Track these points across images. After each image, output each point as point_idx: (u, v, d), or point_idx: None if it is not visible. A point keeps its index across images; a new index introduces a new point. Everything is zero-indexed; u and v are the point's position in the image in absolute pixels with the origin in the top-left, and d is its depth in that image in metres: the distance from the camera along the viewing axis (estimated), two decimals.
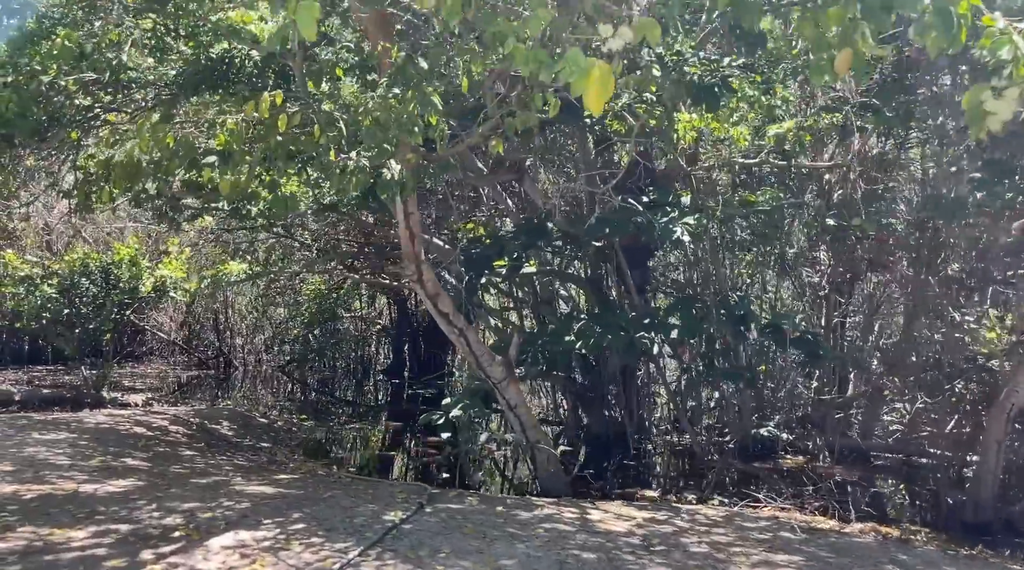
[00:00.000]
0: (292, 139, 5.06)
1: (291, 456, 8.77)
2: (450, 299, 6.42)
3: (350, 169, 4.68)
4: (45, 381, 15.55)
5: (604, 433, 10.35)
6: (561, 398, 12.00)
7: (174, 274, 11.83)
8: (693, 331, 7.87)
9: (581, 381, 10.57)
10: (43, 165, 11.23)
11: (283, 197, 5.13)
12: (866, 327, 10.54)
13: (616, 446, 9.90)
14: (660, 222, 7.66)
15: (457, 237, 11.90)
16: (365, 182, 4.76)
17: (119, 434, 8.13)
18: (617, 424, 10.35)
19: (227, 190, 4.85)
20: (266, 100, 4.52)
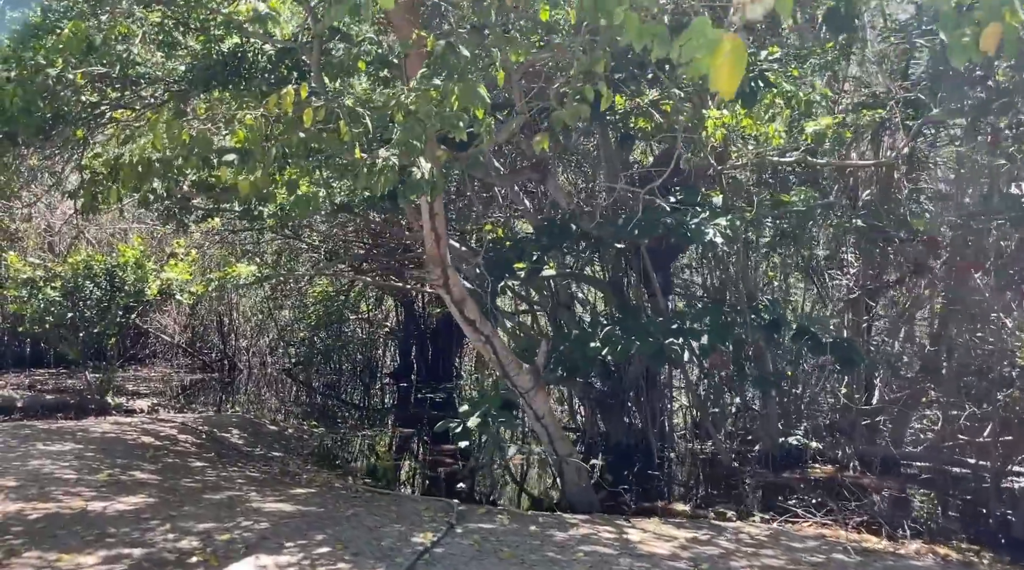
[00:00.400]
0: (314, 136, 4.75)
1: (304, 466, 8.45)
2: (476, 304, 6.11)
3: (379, 167, 4.36)
4: (47, 385, 15.25)
5: (625, 441, 10.04)
6: (578, 404, 11.70)
7: (180, 276, 11.52)
8: (723, 337, 7.56)
9: (600, 387, 10.27)
10: (46, 165, 10.93)
11: (305, 197, 4.82)
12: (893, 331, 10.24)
13: (638, 455, 9.60)
14: (690, 223, 7.36)
15: (466, 238, 11.61)
16: (394, 181, 4.44)
17: (126, 444, 7.82)
18: (638, 432, 10.04)
19: (246, 190, 4.54)
20: (290, 93, 4.20)
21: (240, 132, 4.57)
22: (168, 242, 15.03)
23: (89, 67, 5.78)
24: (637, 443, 10.01)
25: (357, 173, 4.46)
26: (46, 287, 11.21)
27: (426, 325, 20.25)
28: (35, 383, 15.46)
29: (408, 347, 20.32)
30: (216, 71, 7.27)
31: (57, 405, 11.03)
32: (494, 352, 6.10)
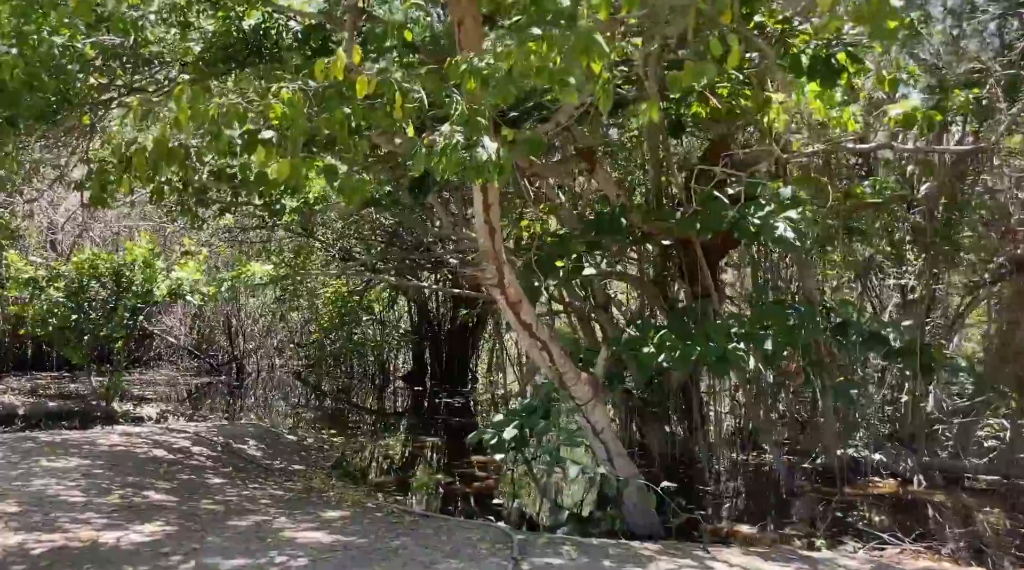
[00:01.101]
0: (361, 112, 4.10)
1: (328, 481, 7.81)
2: (532, 308, 5.46)
3: (441, 147, 3.71)
4: (50, 389, 14.63)
5: (667, 452, 9.41)
6: (613, 412, 11.07)
7: (191, 276, 10.88)
8: (791, 341, 6.91)
9: (639, 394, 9.62)
10: (48, 157, 10.30)
11: (353, 183, 4.17)
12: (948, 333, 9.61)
13: (681, 468, 8.95)
14: (755, 217, 6.71)
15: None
16: (459, 163, 3.79)
17: (137, 459, 7.18)
18: (681, 442, 9.41)
19: (284, 175, 3.89)
20: (340, 58, 3.56)
21: (277, 107, 3.91)
22: (177, 240, 14.40)
23: (100, 37, 5.12)
24: (680, 454, 9.38)
25: (415, 154, 3.81)
26: (49, 287, 10.57)
27: (440, 326, 19.63)
28: (37, 387, 14.84)
29: (422, 349, 19.69)
30: (236, 50, 6.64)
31: (61, 413, 10.41)
32: (551, 360, 5.44)
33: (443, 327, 19.58)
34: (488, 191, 4.90)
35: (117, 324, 10.59)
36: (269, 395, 16.65)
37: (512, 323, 5.38)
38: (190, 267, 10.98)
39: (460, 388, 17.86)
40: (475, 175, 3.83)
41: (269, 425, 10.23)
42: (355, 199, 4.18)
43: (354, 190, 4.13)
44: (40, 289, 10.48)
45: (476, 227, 5.07)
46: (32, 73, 4.65)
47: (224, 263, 15.10)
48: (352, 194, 4.15)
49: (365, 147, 4.32)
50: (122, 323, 10.71)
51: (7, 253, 10.89)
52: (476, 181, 3.93)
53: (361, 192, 4.16)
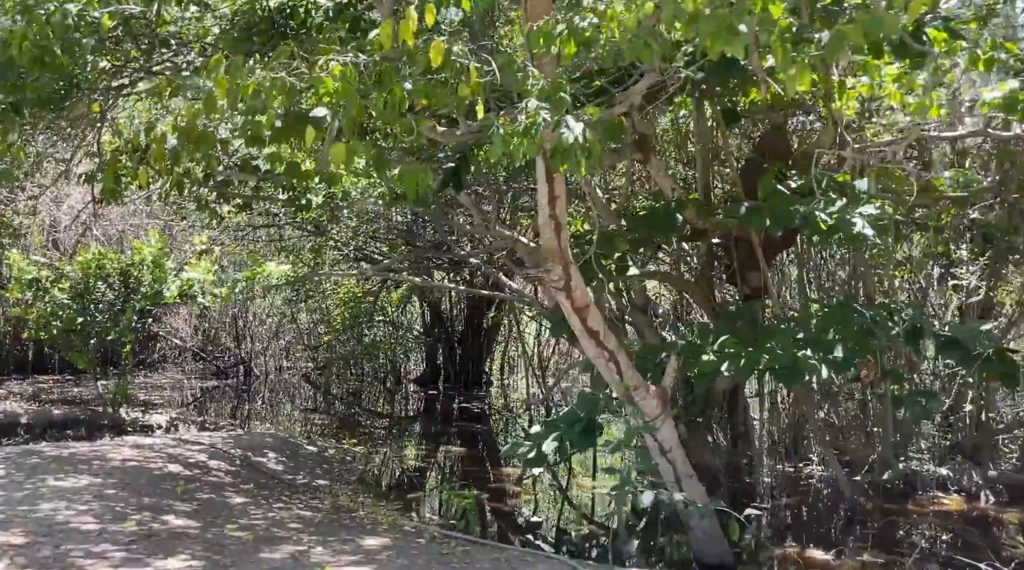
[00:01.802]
0: (423, 89, 3.53)
1: (356, 499, 7.25)
2: (601, 314, 4.90)
3: (524, 127, 3.15)
4: (53, 394, 14.06)
5: (709, 463, 8.85)
6: None
7: (203, 276, 10.31)
8: (863, 348, 6.34)
9: (681, 402, 9.06)
10: (52, 151, 9.74)
11: (414, 173, 3.60)
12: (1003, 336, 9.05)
13: (728, 479, 8.39)
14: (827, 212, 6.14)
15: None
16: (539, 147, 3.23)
17: (152, 475, 6.61)
18: (725, 452, 8.84)
19: (340, 160, 3.33)
20: (412, 18, 2.99)
21: (328, 81, 3.34)
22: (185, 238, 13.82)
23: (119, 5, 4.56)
24: (724, 466, 8.82)
25: (491, 136, 3.24)
26: (53, 288, 10.00)
27: (453, 328, 19.07)
28: (39, 392, 14.28)
29: (434, 351, 19.13)
30: (260, 30, 6.08)
31: (66, 421, 9.84)
32: (619, 371, 4.88)
33: (457, 328, 19.04)
34: (555, 182, 4.33)
35: (125, 327, 10.03)
36: (279, 399, 16.09)
37: (576, 330, 4.81)
38: (201, 267, 10.41)
39: (475, 391, 17.30)
40: (561, 160, 3.27)
41: (287, 435, 9.66)
42: (413, 191, 3.61)
43: (416, 180, 3.57)
44: (44, 290, 9.92)
45: (539, 223, 4.50)
46: (43, 47, 4.08)
47: (232, 263, 14.52)
48: (413, 185, 3.58)
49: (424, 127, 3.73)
50: (130, 326, 10.15)
51: (9, 252, 10.31)
52: (560, 167, 3.36)
53: (424, 183, 3.60)
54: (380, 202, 7.55)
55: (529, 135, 3.19)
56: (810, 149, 7.36)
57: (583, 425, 6.65)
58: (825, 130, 7.06)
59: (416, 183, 3.55)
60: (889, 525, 6.99)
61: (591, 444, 7.86)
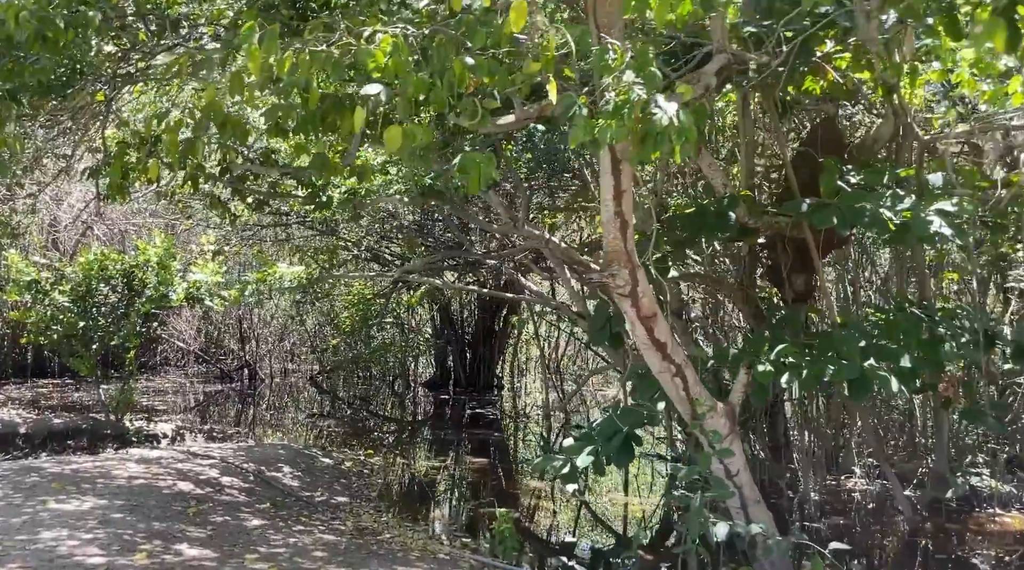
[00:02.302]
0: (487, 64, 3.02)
1: (379, 518, 6.75)
2: (668, 324, 4.39)
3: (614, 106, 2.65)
4: (52, 400, 13.56)
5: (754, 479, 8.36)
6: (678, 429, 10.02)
7: (211, 278, 9.80)
8: (934, 357, 5.83)
9: None
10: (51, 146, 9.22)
11: (477, 161, 3.09)
12: None
13: (771, 496, 7.89)
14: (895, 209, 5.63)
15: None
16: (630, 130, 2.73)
17: (161, 495, 6.10)
18: (764, 467, 8.35)
19: (396, 145, 2.82)
20: None
21: (379, 54, 2.84)
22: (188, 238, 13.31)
23: None
24: (764, 481, 8.33)
25: (572, 117, 2.74)
26: (53, 291, 9.49)
27: (464, 330, 18.57)
28: (38, 397, 13.77)
29: (444, 354, 18.63)
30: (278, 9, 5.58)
31: (67, 431, 9.33)
32: (684, 387, 4.38)
33: (467, 331, 18.54)
34: (622, 174, 3.82)
35: (130, 332, 9.52)
36: (286, 404, 15.58)
37: (640, 342, 4.30)
38: (208, 268, 9.90)
39: (487, 396, 16.80)
40: (653, 146, 2.76)
41: (301, 446, 9.14)
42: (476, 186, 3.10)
43: (480, 171, 3.06)
44: (44, 293, 9.41)
45: (602, 221, 3.99)
46: (44, 20, 3.57)
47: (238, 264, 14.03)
48: (477, 176, 3.08)
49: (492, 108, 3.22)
50: (135, 330, 9.64)
51: (7, 253, 9.80)
52: (651, 155, 2.85)
53: (488, 174, 3.09)
54: (405, 199, 7.04)
55: (620, 116, 2.69)
56: (868, 142, 6.87)
57: (622, 439, 6.16)
58: (885, 121, 6.56)
59: (480, 174, 3.05)
60: (952, 547, 6.49)
61: (629, 460, 7.34)
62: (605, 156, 3.77)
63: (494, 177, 3.13)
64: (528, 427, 13.23)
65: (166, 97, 7.11)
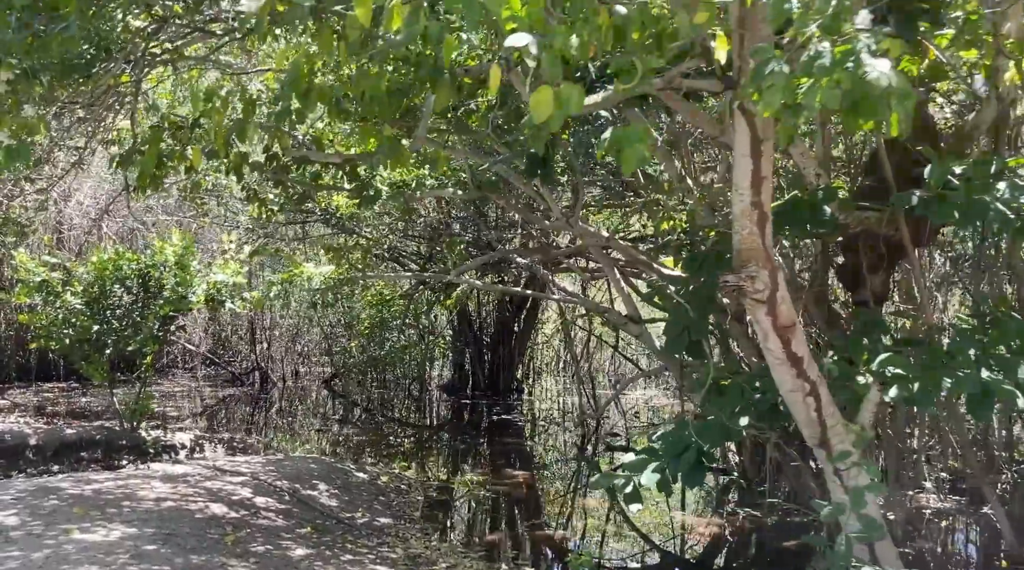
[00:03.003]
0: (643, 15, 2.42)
1: (428, 542, 6.16)
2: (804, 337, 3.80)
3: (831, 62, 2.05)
4: (60, 405, 12.97)
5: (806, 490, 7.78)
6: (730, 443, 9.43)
7: (232, 279, 9.21)
8: None
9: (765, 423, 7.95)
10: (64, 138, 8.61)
11: (637, 134, 2.50)
12: None
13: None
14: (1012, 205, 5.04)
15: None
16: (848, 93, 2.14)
17: (194, 520, 5.50)
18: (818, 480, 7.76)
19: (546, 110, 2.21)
20: None
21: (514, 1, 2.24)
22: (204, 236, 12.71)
23: None
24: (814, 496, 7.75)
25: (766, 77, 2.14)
26: (65, 292, 8.89)
27: (482, 331, 18.00)
28: (44, 403, 13.19)
29: (462, 357, 18.07)
30: None
31: (81, 442, 8.73)
32: (817, 407, 3.78)
33: (486, 332, 17.97)
34: (762, 157, 3.23)
35: (147, 336, 8.91)
36: (301, 409, 14.99)
37: (773, 356, 3.70)
38: (230, 268, 9.30)
39: (508, 400, 16.22)
40: (871, 113, 2.17)
41: (332, 459, 8.55)
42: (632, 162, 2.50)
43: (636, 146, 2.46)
44: (55, 295, 8.81)
45: (734, 213, 3.40)
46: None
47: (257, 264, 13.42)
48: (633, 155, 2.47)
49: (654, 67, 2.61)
50: (152, 334, 9.04)
51: (15, 252, 9.19)
52: (864, 125, 2.26)
53: (643, 150, 2.49)
54: (459, 192, 6.45)
55: (833, 73, 2.09)
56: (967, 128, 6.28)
57: (694, 456, 5.58)
58: (987, 106, 5.96)
59: (635, 151, 2.45)
60: None
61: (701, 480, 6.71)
62: (743, 134, 3.18)
63: (647, 155, 2.53)
64: (559, 435, 12.64)
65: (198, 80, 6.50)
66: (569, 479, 9.29)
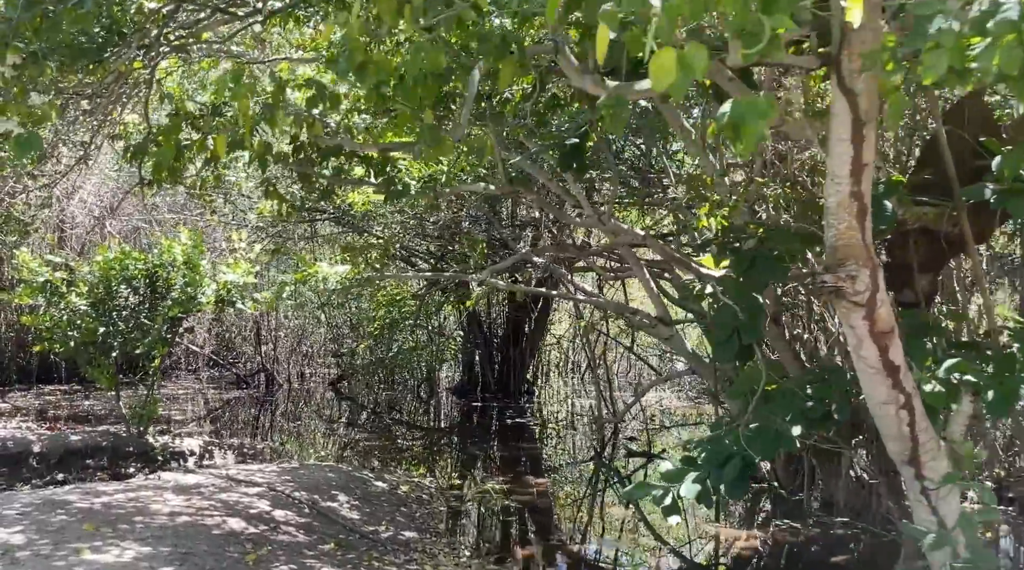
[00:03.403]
0: None
1: (458, 558, 5.82)
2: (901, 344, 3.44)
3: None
4: (62, 409, 12.62)
5: (847, 502, 7.46)
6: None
7: (243, 279, 8.86)
8: None
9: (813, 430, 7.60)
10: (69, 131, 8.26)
11: (759, 107, 2.15)
12: None
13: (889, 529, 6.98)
14: None
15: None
16: None
17: (211, 537, 5.15)
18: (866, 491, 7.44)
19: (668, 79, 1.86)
20: None
21: None
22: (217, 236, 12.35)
23: None
24: (864, 507, 7.42)
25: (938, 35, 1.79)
26: (70, 293, 8.54)
27: (492, 333, 17.66)
28: (46, 406, 12.83)
29: (471, 359, 17.71)
30: None
31: (86, 449, 8.36)
32: (910, 422, 3.43)
33: (496, 333, 17.62)
34: (864, 142, 2.88)
35: (155, 338, 8.56)
36: (308, 412, 14.64)
37: (867, 364, 3.34)
38: (240, 268, 8.95)
39: (519, 402, 15.88)
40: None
41: (350, 468, 8.19)
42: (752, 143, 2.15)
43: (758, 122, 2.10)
44: (59, 295, 8.45)
45: (829, 205, 3.05)
46: None
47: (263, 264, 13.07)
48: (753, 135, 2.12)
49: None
50: (160, 337, 8.68)
51: (18, 251, 8.83)
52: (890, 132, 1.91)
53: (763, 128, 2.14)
54: (490, 187, 6.10)
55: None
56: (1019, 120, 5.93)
57: (738, 467, 5.24)
58: None
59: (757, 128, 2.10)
60: None
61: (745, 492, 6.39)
62: (842, 116, 2.84)
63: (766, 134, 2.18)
64: (575, 439, 12.30)
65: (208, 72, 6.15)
66: (592, 487, 8.94)
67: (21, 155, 3.53)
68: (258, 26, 5.13)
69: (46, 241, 11.61)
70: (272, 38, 7.52)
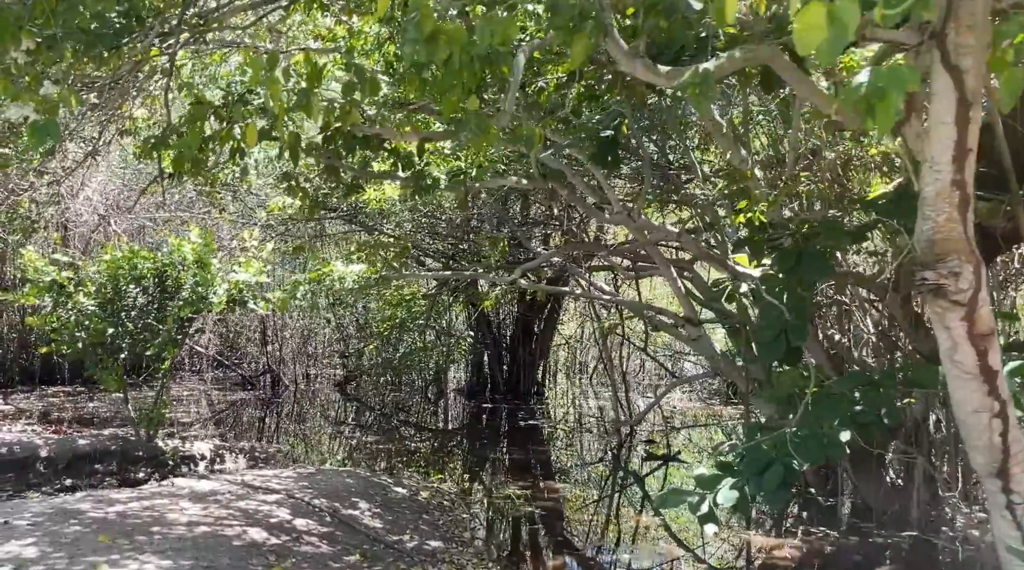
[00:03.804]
0: None
1: (485, 568, 5.57)
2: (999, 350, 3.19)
3: None
4: (66, 411, 12.37)
5: (882, 508, 7.23)
6: None
7: (255, 279, 8.61)
8: None
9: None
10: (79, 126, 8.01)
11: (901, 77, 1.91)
12: None
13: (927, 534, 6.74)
14: None
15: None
16: None
17: (232, 549, 4.90)
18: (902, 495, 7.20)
19: None
20: None
21: None
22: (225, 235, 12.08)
23: None
24: (899, 512, 7.19)
25: None
26: (77, 293, 8.29)
27: (501, 333, 17.42)
28: (51, 408, 12.58)
29: (480, 360, 17.47)
30: None
31: (95, 453, 8.12)
32: (1003, 431, 3.18)
33: (505, 334, 17.38)
34: (969, 125, 2.64)
35: (166, 339, 8.31)
36: (315, 414, 14.40)
37: (963, 368, 3.07)
38: (252, 267, 8.70)
39: (530, 404, 15.64)
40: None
41: (367, 473, 7.94)
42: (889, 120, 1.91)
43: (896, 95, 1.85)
44: (67, 296, 8.20)
45: (927, 194, 2.80)
46: None
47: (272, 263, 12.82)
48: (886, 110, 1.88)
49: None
50: (170, 338, 8.43)
51: (23, 250, 8.57)
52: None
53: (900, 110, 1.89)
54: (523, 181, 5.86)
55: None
56: None
57: (780, 474, 5.01)
58: None
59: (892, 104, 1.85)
60: None
61: (786, 500, 6.21)
62: (946, 96, 2.60)
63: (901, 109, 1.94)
64: (590, 442, 12.05)
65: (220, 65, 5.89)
66: (613, 492, 8.70)
67: (38, 143, 3.29)
68: (280, 12, 4.88)
69: (50, 240, 11.34)
70: (288, 30, 7.27)
